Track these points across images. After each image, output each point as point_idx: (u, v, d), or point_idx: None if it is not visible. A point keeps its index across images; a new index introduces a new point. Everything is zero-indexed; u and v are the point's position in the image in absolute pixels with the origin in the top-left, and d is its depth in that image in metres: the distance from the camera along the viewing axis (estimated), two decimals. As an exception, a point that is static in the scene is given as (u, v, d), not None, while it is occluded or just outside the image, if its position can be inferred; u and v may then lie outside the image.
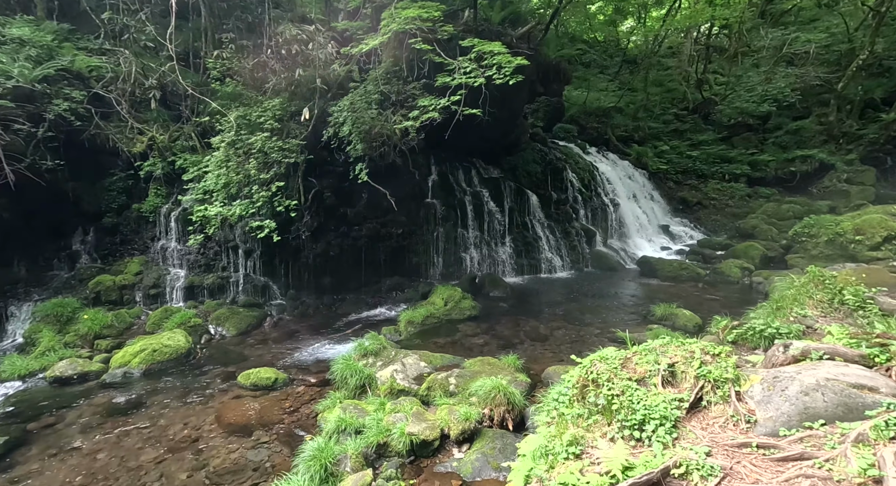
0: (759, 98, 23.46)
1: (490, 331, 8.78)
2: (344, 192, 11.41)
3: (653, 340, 7.53)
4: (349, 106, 8.72)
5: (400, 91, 9.37)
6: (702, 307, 10.09)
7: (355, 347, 6.52)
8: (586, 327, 8.92)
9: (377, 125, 8.78)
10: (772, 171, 21.49)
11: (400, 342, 8.11)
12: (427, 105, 8.32)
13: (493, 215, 13.39)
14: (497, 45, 7.72)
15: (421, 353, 6.70)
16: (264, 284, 10.23)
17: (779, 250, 14.80)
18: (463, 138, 14.17)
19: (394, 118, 8.81)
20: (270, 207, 8.57)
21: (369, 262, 11.60)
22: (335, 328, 9.46)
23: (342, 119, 8.83)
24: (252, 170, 8.30)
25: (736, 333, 7.07)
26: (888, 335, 3.86)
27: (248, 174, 8.39)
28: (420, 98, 8.56)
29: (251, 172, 8.26)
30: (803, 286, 7.76)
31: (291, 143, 8.79)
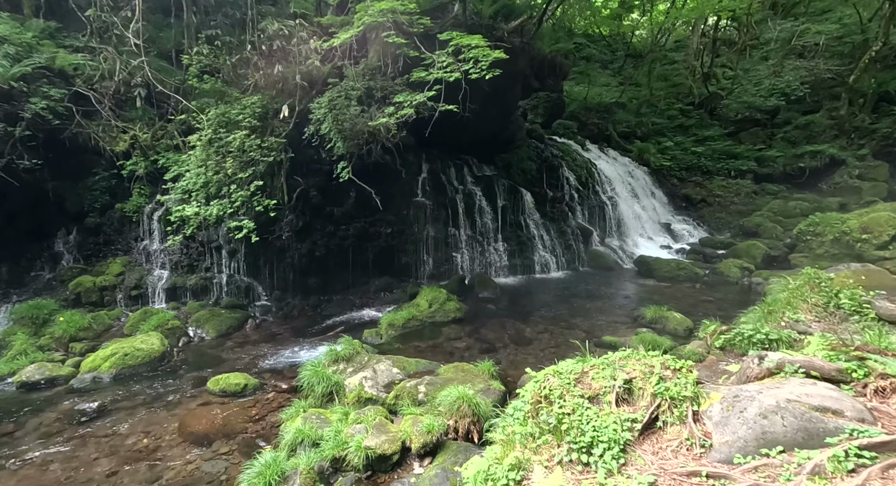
0: (767, 92, 22.79)
1: (474, 334, 8.56)
2: (331, 191, 11.23)
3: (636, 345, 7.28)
4: (328, 103, 8.52)
5: (383, 87, 9.14)
6: (696, 309, 9.76)
7: (327, 352, 6.34)
8: (573, 331, 8.65)
9: (358, 123, 8.56)
10: (780, 167, 20.90)
11: (380, 346, 7.92)
12: (402, 101, 8.08)
13: (485, 214, 13.13)
14: (477, 39, 7.46)
15: (395, 358, 6.50)
16: (248, 285, 10.12)
17: (783, 249, 14.36)
18: (455, 136, 13.94)
19: (369, 115, 8.55)
20: (250, 206, 8.42)
21: (357, 262, 11.43)
22: (318, 330, 9.31)
23: (321, 117, 8.63)
24: (229, 169, 8.15)
25: (724, 338, 6.77)
26: (867, 348, 3.56)
27: (226, 173, 8.24)
28: (399, 94, 8.31)
29: (228, 171, 8.11)
30: (797, 289, 7.41)
31: (271, 141, 8.62)
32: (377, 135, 9.70)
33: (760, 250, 13.78)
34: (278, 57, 9.17)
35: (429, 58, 8.12)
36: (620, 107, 24.11)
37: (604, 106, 22.67)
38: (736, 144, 22.56)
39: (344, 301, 10.90)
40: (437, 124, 13.33)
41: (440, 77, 7.79)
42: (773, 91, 22.67)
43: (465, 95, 8.67)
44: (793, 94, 22.00)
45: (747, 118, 23.69)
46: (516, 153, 14.93)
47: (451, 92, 8.60)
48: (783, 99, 22.78)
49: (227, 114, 8.48)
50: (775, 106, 22.94)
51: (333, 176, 10.78)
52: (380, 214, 11.86)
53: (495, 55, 7.54)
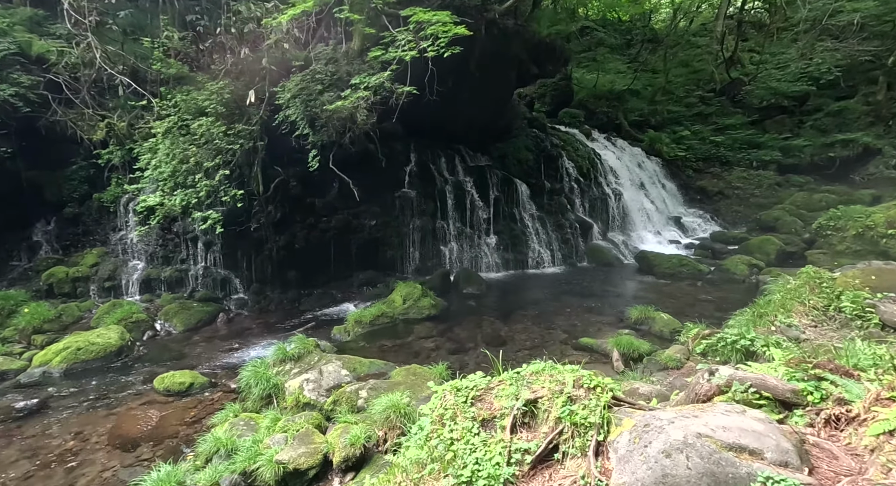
0: (794, 77, 21.26)
1: (446, 333, 8.14)
2: (312, 181, 10.92)
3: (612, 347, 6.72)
4: (294, 88, 8.14)
5: (349, 71, 8.65)
6: (692, 310, 9.06)
7: (275, 350, 6.04)
8: (553, 331, 8.13)
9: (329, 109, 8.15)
10: (807, 157, 19.56)
11: (345, 344, 7.59)
12: (358, 83, 7.59)
13: (476, 206, 12.61)
14: (443, 15, 6.91)
15: (347, 359, 6.15)
16: (225, 277, 9.95)
17: (800, 244, 13.34)
18: (447, 125, 13.42)
19: (325, 97, 8.09)
20: (218, 197, 8.19)
21: (339, 255, 11.13)
22: (292, 326, 9.05)
23: (287, 103, 8.26)
24: (192, 158, 7.91)
25: (705, 343, 6.13)
26: (830, 365, 2.97)
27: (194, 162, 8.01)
28: (357, 76, 7.79)
29: (191, 159, 7.87)
30: (794, 290, 6.67)
31: (237, 128, 8.33)
32: (350, 122, 9.30)
33: (775, 246, 12.82)
34: (251, 40, 8.85)
35: (388, 36, 7.63)
36: (634, 94, 22.97)
37: (615, 94, 21.61)
38: (759, 133, 21.21)
39: (324, 295, 10.63)
40: (427, 112, 12.85)
41: (397, 56, 7.27)
42: (800, 75, 21.12)
43: (431, 77, 8.15)
44: (823, 78, 20.43)
45: (773, 105, 22.22)
46: (513, 143, 14.29)
47: (418, 73, 8.09)
48: (813, 84, 21.25)
49: (194, 100, 8.23)
50: (804, 92, 21.42)
51: (316, 166, 10.50)
52: (364, 206, 11.51)
53: (456, 31, 6.97)
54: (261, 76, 8.83)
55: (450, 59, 11.83)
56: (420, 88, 11.47)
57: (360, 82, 7.45)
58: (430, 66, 7.62)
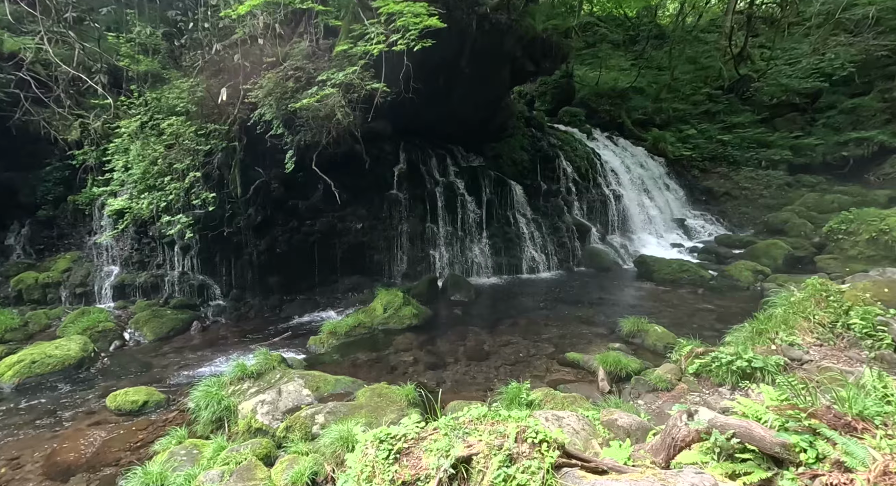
0: (805, 73, 20.46)
1: (427, 345, 7.69)
2: (296, 183, 10.54)
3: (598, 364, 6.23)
4: (268, 86, 7.74)
5: (341, 67, 8.20)
6: (691, 320, 8.53)
7: (234, 366, 5.64)
8: (540, 343, 7.65)
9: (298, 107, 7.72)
10: (819, 156, 18.81)
11: (318, 357, 7.17)
12: (325, 80, 7.15)
13: (468, 209, 12.14)
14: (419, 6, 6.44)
15: (312, 376, 5.73)
16: (202, 283, 9.61)
17: (810, 249, 12.69)
18: (439, 124, 12.96)
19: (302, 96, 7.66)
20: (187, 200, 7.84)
21: (324, 260, 10.73)
22: (270, 334, 8.67)
23: (260, 101, 7.86)
24: (160, 159, 7.56)
25: (699, 363, 5.61)
26: (827, 415, 2.47)
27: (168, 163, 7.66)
28: (323, 72, 7.32)
29: (158, 161, 7.52)
30: (799, 304, 6.12)
31: (210, 128, 7.95)
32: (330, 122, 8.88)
33: (782, 251, 12.18)
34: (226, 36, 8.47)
35: (358, 28, 7.18)
36: (638, 92, 22.30)
37: (618, 91, 20.97)
38: (769, 132, 20.46)
39: (308, 302, 10.25)
40: (418, 111, 12.40)
41: (366, 50, 6.82)
42: (813, 71, 20.32)
43: (413, 73, 7.69)
44: (837, 74, 19.63)
45: (784, 103, 21.42)
46: (508, 142, 13.80)
47: (394, 69, 7.64)
48: (825, 80, 20.45)
49: (165, 98, 7.87)
50: (816, 88, 20.60)
51: (302, 166, 10.12)
52: (350, 209, 11.12)
53: (427, 23, 6.50)
54: (235, 74, 8.45)
55: (440, 55, 11.41)
56: (399, 85, 11.06)
57: (326, 79, 7.00)
58: (406, 60, 7.17)
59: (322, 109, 8.02)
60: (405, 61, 7.21)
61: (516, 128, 14.51)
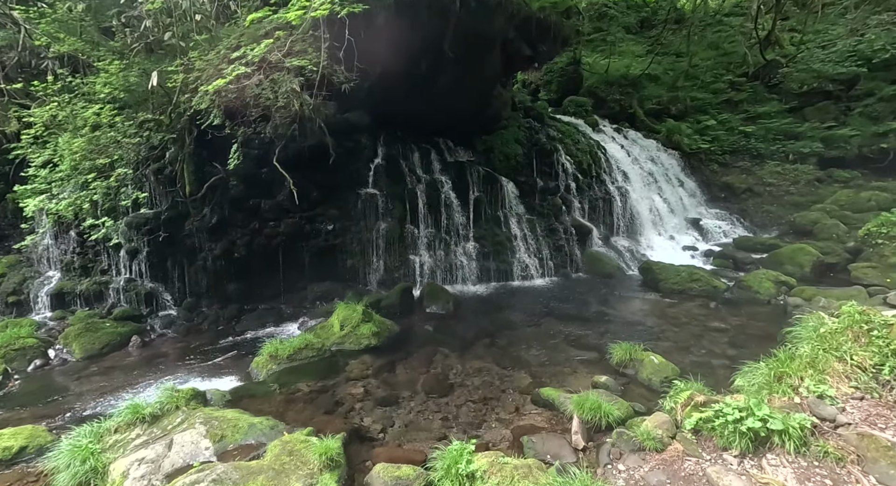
0: (842, 56, 18.54)
1: (384, 372, 6.64)
2: (260, 180, 9.59)
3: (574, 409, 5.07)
4: (202, 68, 6.71)
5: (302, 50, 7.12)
6: (698, 344, 7.28)
7: (125, 408, 4.68)
8: (516, 373, 6.52)
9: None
10: (854, 148, 17.04)
11: (250, 388, 6.15)
12: (240, 56, 6.01)
13: (453, 209, 11.01)
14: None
15: (222, 419, 4.73)
16: (151, 291, 8.76)
17: (842, 254, 11.18)
18: (425, 115, 11.80)
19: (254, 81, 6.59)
20: (116, 199, 6.92)
21: (291, 265, 9.78)
22: (219, 350, 7.75)
23: (191, 85, 6.83)
24: (79, 154, 6.65)
25: (699, 417, 4.42)
26: None
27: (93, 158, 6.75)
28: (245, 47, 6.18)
29: (77, 156, 6.61)
30: (832, 336, 4.84)
31: (141, 118, 7.00)
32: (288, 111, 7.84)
33: (810, 257, 10.73)
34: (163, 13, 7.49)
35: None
36: (652, 80, 20.65)
37: (629, 79, 19.39)
38: (798, 122, 18.67)
39: (270, 312, 9.32)
40: (399, 100, 11.30)
41: (280, 18, 5.70)
42: (849, 54, 18.39)
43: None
44: (877, 56, 17.68)
45: (815, 90, 19.51)
46: (501, 135, 12.57)
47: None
48: (864, 64, 18.51)
49: (91, 83, 6.95)
50: (853, 74, 18.67)
51: (267, 162, 9.16)
52: (320, 208, 10.15)
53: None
54: (173, 55, 7.47)
55: (420, 36, 10.26)
56: (376, 70, 9.91)
57: (242, 55, 5.91)
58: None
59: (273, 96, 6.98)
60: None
61: (512, 119, 13.26)
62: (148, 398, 4.98)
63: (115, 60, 7.07)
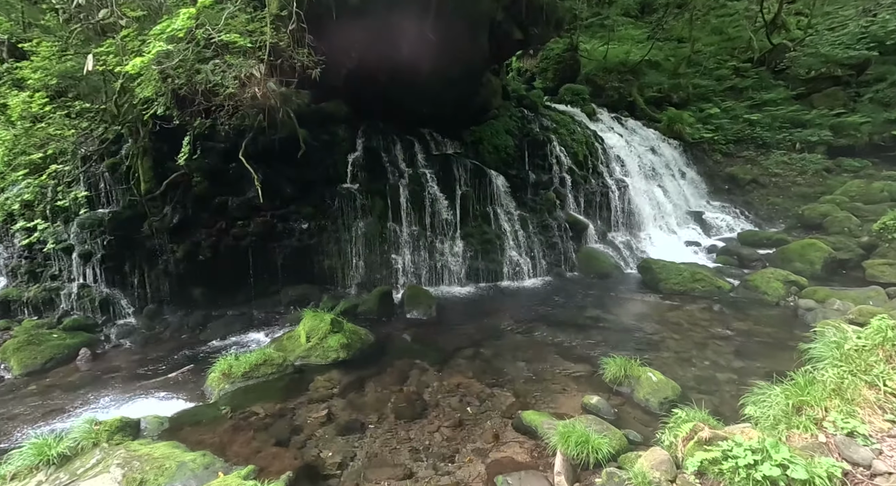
0: (853, 38, 17.64)
1: (352, 390, 5.96)
2: (227, 176, 8.88)
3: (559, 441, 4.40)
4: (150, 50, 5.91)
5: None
6: (701, 355, 6.59)
7: (30, 447, 4.02)
8: (499, 391, 5.84)
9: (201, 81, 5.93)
10: (864, 136, 16.27)
11: (197, 413, 5.47)
12: (157, 34, 5.16)
13: (438, 205, 10.28)
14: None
15: (147, 457, 4.07)
16: (107, 297, 8.08)
17: (855, 250, 10.46)
18: (406, 103, 11.03)
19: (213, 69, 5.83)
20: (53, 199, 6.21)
21: (261, 267, 9.08)
22: (177, 362, 7.09)
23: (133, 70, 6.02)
24: (12, 149, 5.93)
25: (703, 458, 3.75)
26: None
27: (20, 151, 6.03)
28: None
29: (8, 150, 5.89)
30: (858, 356, 4.16)
31: (79, 106, 6.25)
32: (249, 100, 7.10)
33: (821, 253, 10.01)
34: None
35: None
36: (653, 67, 19.76)
37: (629, 66, 18.50)
38: (806, 109, 17.85)
39: (239, 319, 8.64)
40: (380, 89, 10.52)
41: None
42: (861, 37, 17.48)
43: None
44: (890, 38, 16.78)
45: (824, 76, 18.64)
46: (491, 125, 11.79)
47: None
48: (875, 48, 17.63)
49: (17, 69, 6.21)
50: (864, 58, 17.80)
51: (234, 157, 8.46)
52: (294, 206, 9.44)
53: None
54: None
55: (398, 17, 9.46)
56: (352, 56, 9.18)
57: (158, 32, 5.12)
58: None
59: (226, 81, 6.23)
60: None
61: (503, 108, 12.47)
62: (67, 431, 4.31)
63: (46, 43, 6.30)
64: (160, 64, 5.23)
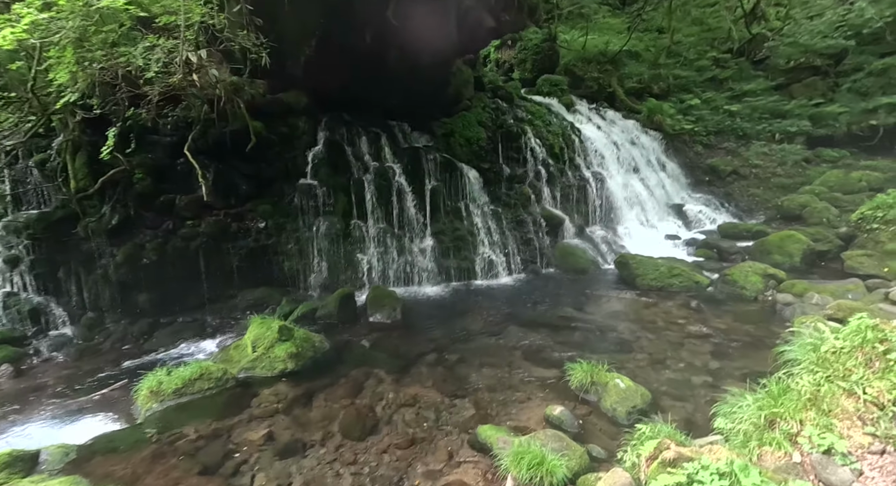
0: (830, 26, 17.49)
1: (299, 405, 5.44)
2: (174, 172, 8.27)
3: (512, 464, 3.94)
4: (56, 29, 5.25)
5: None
6: (676, 356, 6.21)
7: None
8: (459, 402, 5.38)
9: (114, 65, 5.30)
10: (843, 126, 16.15)
11: (116, 439, 4.88)
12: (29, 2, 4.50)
13: (407, 201, 9.77)
14: None
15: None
16: (38, 306, 7.42)
17: (834, 241, 10.22)
18: (372, 95, 10.46)
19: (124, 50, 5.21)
20: None
21: (214, 270, 8.48)
22: (103, 381, 6.40)
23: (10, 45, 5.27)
24: None
25: (666, 484, 3.35)
26: None
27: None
28: None
29: None
30: (836, 360, 3.78)
31: None
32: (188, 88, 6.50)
33: (800, 245, 9.75)
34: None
35: None
36: (633, 57, 19.42)
37: (608, 56, 18.13)
38: (785, 100, 17.70)
39: (192, 325, 8.05)
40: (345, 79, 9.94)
41: None
42: (839, 25, 17.34)
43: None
44: (867, 26, 16.64)
45: (802, 66, 18.50)
46: (463, 117, 11.29)
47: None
48: (853, 37, 17.53)
49: None
50: (841, 47, 17.67)
51: (181, 152, 7.87)
52: (250, 204, 8.85)
53: None
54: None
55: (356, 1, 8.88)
56: (310, 41, 8.64)
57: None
58: None
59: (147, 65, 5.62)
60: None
61: (476, 100, 11.97)
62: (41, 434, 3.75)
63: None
64: (44, 38, 4.60)
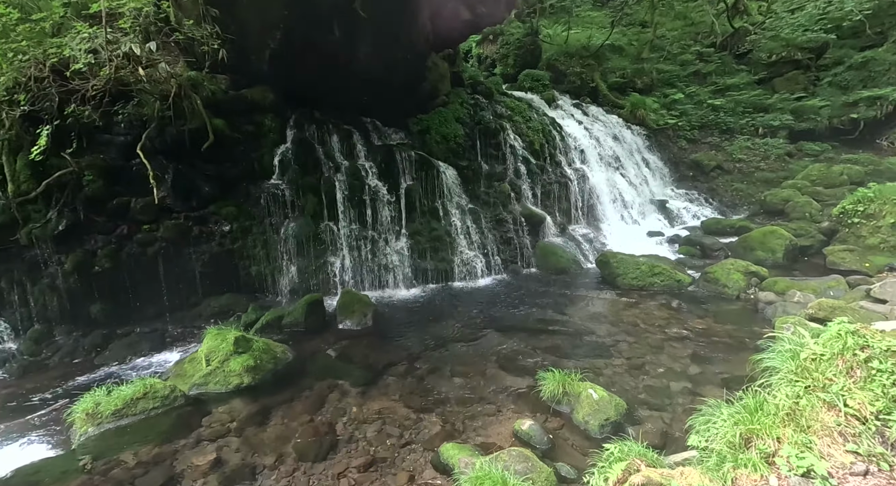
0: (810, 20, 17.45)
1: (253, 424, 5.05)
2: (128, 173, 7.79)
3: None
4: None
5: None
6: (656, 360, 5.95)
7: None
8: (425, 417, 5.03)
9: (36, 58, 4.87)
10: (824, 120, 16.14)
11: (57, 462, 4.54)
12: None
13: (380, 200, 9.40)
14: None
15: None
16: (-20, 320, 6.97)
17: (816, 236, 10.10)
18: (343, 91, 10.02)
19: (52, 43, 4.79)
20: None
21: (175, 276, 8.03)
22: (42, 402, 5.92)
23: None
24: None
25: (637, 513, 3.05)
26: None
27: None
28: None
29: None
30: (816, 369, 3.51)
31: None
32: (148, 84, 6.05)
33: (782, 240, 9.60)
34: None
35: None
36: (616, 51, 19.20)
37: (591, 51, 17.87)
38: (768, 94, 17.65)
39: (151, 335, 7.60)
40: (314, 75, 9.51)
41: None
42: (819, 18, 17.30)
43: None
44: (848, 19, 16.61)
45: (784, 60, 18.50)
46: (439, 113, 10.93)
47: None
48: (833, 30, 17.53)
49: None
50: (822, 41, 17.65)
51: (135, 152, 7.41)
52: (213, 206, 8.41)
53: None
54: None
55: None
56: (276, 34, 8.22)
57: None
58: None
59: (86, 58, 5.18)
60: None
61: (454, 95, 11.61)
62: None
63: None
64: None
